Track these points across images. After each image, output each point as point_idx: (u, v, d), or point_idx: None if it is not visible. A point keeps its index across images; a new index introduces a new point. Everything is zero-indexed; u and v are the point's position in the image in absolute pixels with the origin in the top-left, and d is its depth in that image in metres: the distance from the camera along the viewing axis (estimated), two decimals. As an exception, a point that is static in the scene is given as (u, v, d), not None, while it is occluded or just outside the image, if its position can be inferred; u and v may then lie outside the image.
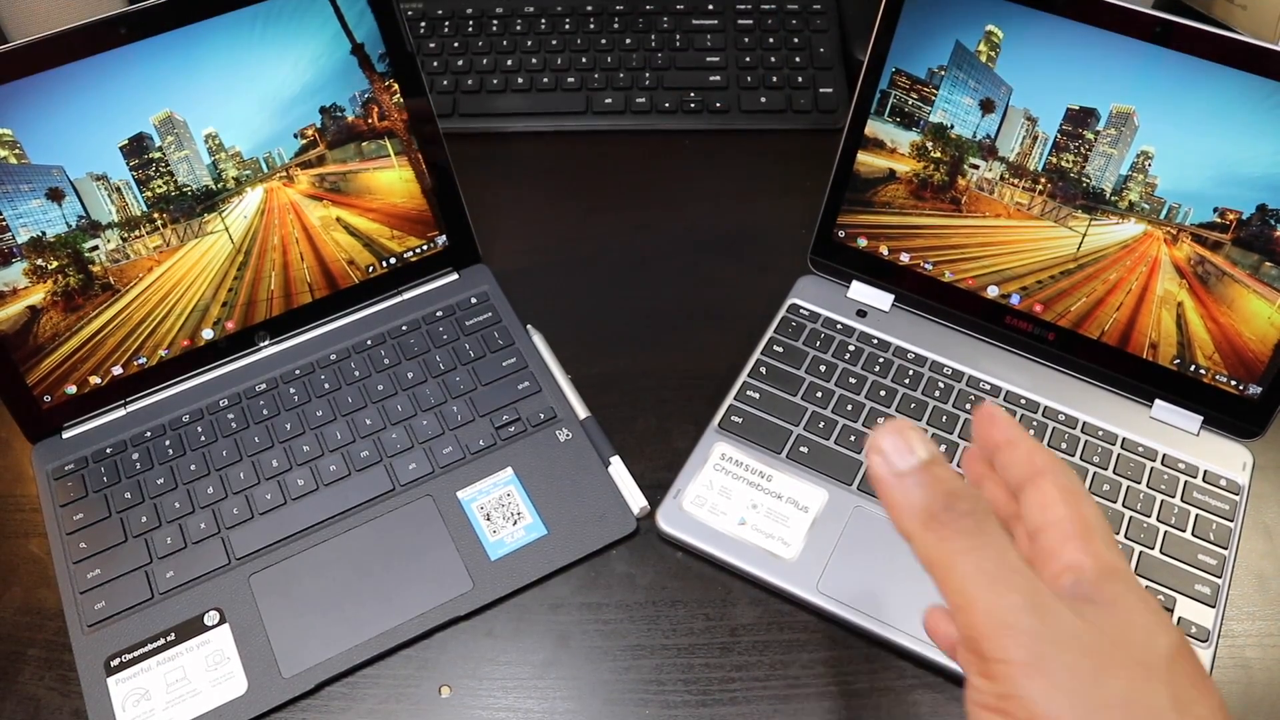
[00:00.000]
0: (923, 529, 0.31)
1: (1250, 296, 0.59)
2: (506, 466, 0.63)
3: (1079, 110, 0.60)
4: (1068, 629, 0.30)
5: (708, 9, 0.89)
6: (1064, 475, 0.35)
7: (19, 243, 0.59)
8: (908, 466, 0.32)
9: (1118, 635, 0.30)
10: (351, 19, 0.62)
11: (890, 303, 0.70)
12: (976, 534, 0.31)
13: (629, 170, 0.81)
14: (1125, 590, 0.32)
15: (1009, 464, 0.36)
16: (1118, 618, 0.31)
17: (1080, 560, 0.32)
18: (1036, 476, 0.35)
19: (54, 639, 0.58)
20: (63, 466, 0.64)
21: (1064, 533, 0.33)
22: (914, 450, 0.32)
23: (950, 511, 0.31)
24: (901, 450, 0.32)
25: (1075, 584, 0.32)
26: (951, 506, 0.31)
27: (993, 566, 0.30)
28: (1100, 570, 0.32)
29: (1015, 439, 0.36)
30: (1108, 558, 0.33)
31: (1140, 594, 0.32)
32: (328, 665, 0.56)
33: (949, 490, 0.31)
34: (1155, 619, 0.31)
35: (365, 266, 0.70)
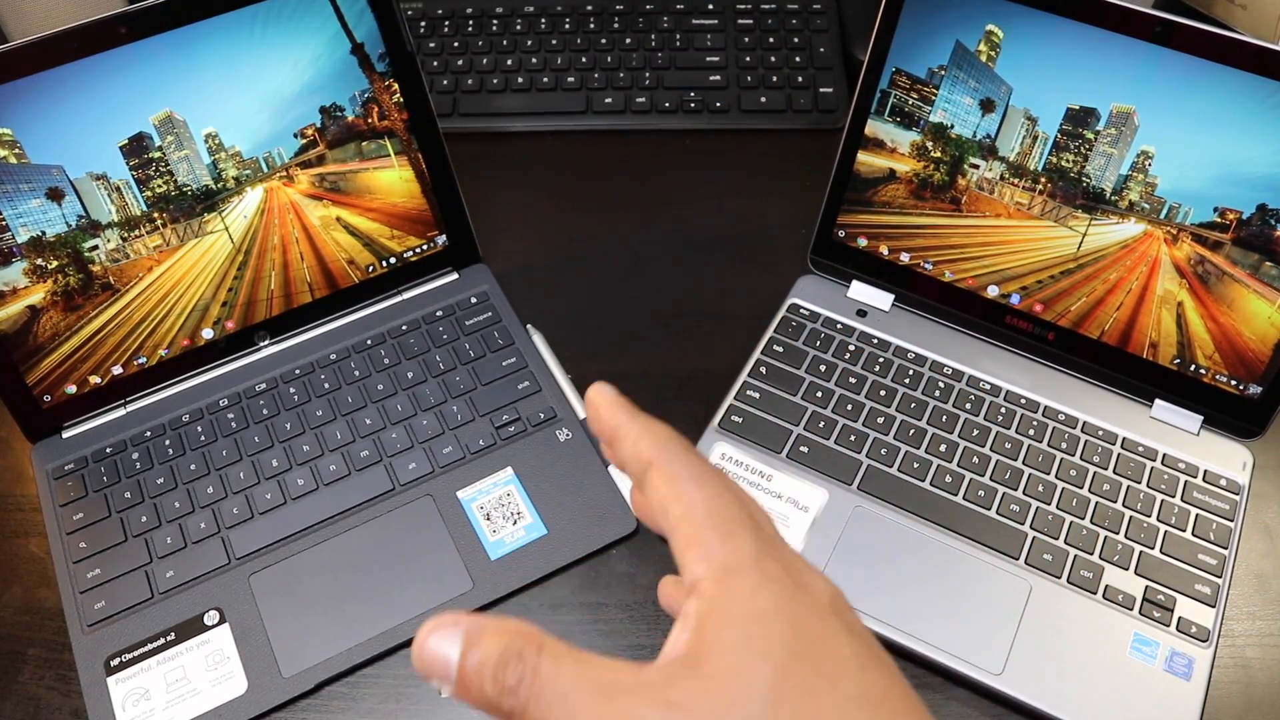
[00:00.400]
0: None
1: (1250, 296, 0.59)
2: (506, 466, 0.63)
3: (1079, 110, 0.60)
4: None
5: (708, 9, 0.89)
6: (671, 459, 0.31)
7: (19, 242, 0.59)
8: (453, 675, 0.27)
9: (712, 709, 0.26)
10: (351, 19, 0.62)
11: (890, 303, 0.70)
12: (535, 700, 0.27)
13: (629, 170, 0.81)
14: (734, 603, 0.28)
15: (622, 462, 0.33)
16: (710, 677, 0.27)
17: (696, 573, 0.29)
18: (647, 471, 0.31)
19: (54, 639, 0.58)
20: (63, 466, 0.64)
21: (684, 539, 0.30)
22: (444, 654, 0.27)
23: (505, 695, 0.27)
24: (437, 663, 0.27)
25: (686, 633, 0.28)
26: (503, 689, 0.27)
27: (562, 711, 0.27)
28: (716, 579, 0.28)
29: (621, 427, 0.32)
30: (722, 554, 0.29)
31: (754, 595, 0.28)
32: (328, 665, 0.56)
33: (492, 674, 0.27)
34: (756, 651, 0.27)
35: (365, 266, 0.70)
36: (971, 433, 0.64)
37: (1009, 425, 0.64)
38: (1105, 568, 0.58)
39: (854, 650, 0.28)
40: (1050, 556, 0.59)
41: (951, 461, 0.62)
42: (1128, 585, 0.58)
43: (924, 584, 0.58)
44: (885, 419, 0.64)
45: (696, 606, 0.29)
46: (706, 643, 0.28)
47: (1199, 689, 0.54)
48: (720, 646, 0.27)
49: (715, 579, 0.29)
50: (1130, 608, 0.57)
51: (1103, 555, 0.59)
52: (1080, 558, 0.59)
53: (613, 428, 0.33)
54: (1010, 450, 0.63)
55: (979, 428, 0.64)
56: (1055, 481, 0.62)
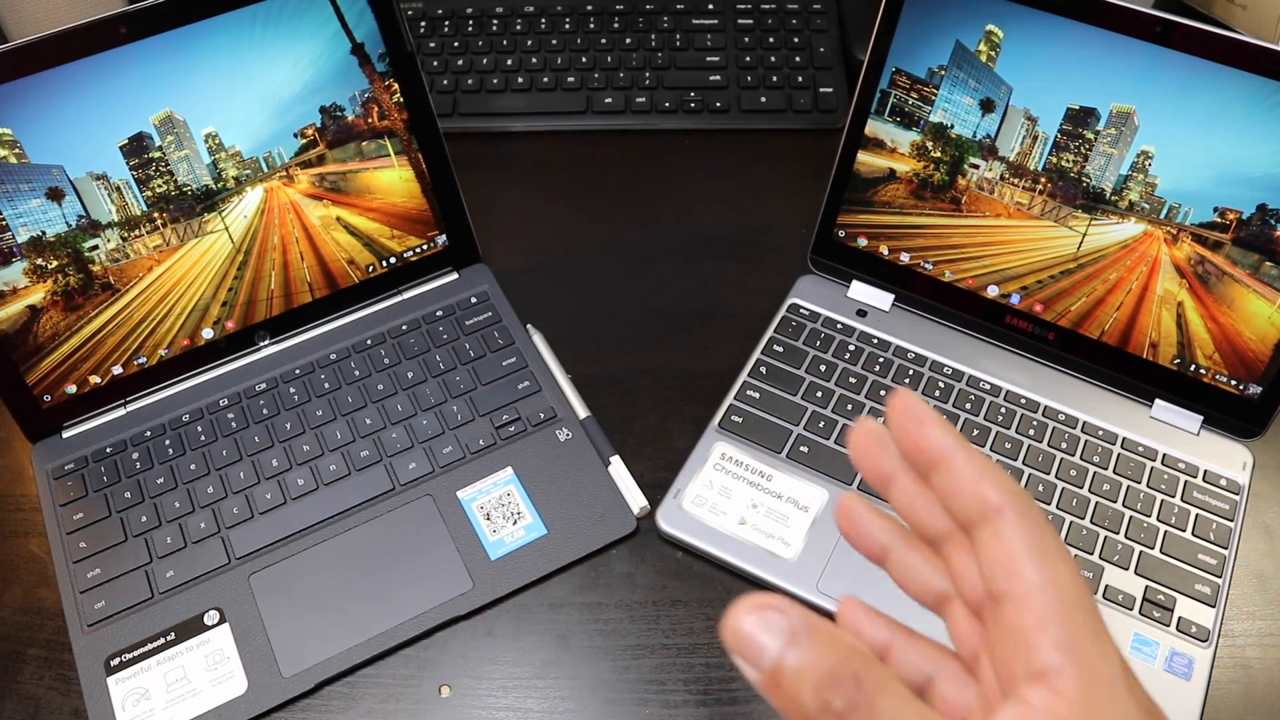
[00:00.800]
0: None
1: (1250, 296, 0.59)
2: (506, 466, 0.63)
3: (1079, 110, 0.60)
4: None
5: (708, 9, 0.89)
6: (1027, 517, 0.27)
7: (19, 242, 0.59)
8: (767, 666, 0.25)
9: None
10: (351, 18, 0.62)
11: (890, 302, 0.70)
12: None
13: (629, 170, 0.81)
14: (1105, 716, 0.25)
15: (950, 494, 0.29)
16: None
17: (1051, 661, 0.26)
18: (993, 517, 0.27)
19: (54, 638, 0.58)
20: (63, 466, 0.64)
21: (1035, 615, 0.26)
22: (763, 643, 0.25)
23: (827, 715, 0.24)
24: (752, 647, 0.25)
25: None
26: (825, 708, 0.24)
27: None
28: (1082, 684, 0.25)
29: (955, 454, 0.28)
30: (1091, 657, 0.26)
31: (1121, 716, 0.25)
32: (328, 665, 0.56)
33: (814, 686, 0.24)
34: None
35: (365, 266, 0.70)
36: (971, 433, 0.64)
37: (1009, 425, 0.64)
38: (1105, 568, 0.58)
39: None
40: (1050, 556, 0.59)
41: (951, 461, 0.62)
42: (1128, 585, 0.58)
43: (924, 584, 0.58)
44: (885, 419, 0.64)
45: (1051, 704, 0.25)
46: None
47: (1199, 689, 0.54)
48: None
49: (1083, 683, 0.25)
50: (1130, 608, 0.57)
51: (1103, 555, 0.59)
52: (1080, 558, 0.59)
53: (943, 450, 0.29)
54: (1010, 450, 0.63)
55: (979, 428, 0.64)
56: (1055, 481, 0.62)
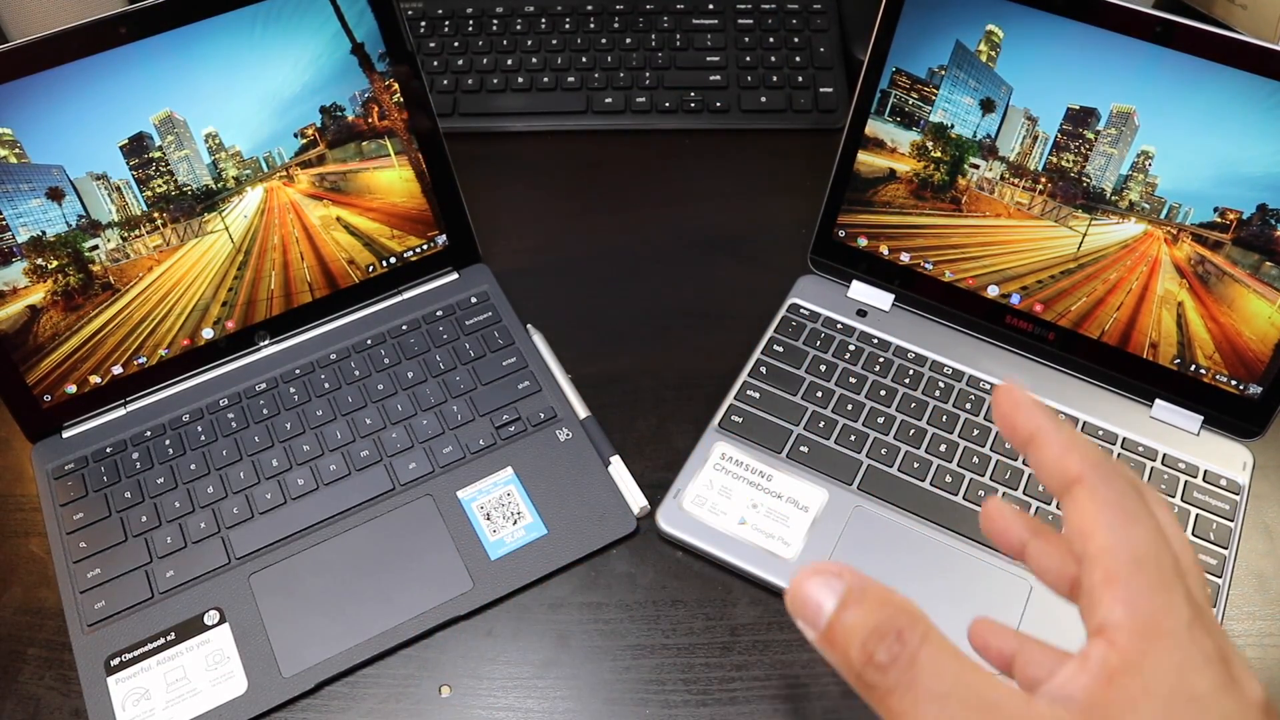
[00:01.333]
0: (862, 693, 0.27)
1: (1250, 296, 0.59)
2: (506, 466, 0.63)
3: (1079, 110, 0.60)
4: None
5: (708, 9, 0.89)
6: (1105, 483, 0.28)
7: (19, 242, 0.59)
8: (823, 624, 0.27)
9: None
10: (351, 18, 0.62)
11: (890, 302, 0.70)
12: (905, 687, 0.26)
13: (629, 170, 0.81)
14: (1160, 675, 0.25)
15: (1040, 467, 0.30)
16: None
17: (1114, 617, 0.26)
18: (1072, 486, 0.29)
19: (54, 638, 0.58)
20: (63, 466, 0.64)
21: (1104, 572, 0.27)
22: (820, 602, 0.28)
23: (870, 668, 0.26)
24: (811, 607, 0.28)
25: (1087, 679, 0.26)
26: (869, 661, 0.26)
27: (932, 713, 0.26)
28: (1136, 634, 0.26)
29: (1043, 432, 0.30)
30: (1151, 608, 0.26)
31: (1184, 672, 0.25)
32: (328, 665, 0.56)
33: (861, 641, 0.27)
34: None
35: (365, 266, 0.70)
36: (972, 432, 0.64)
37: (1009, 425, 0.64)
38: (1105, 568, 0.58)
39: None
40: (1050, 556, 0.59)
41: (951, 461, 0.62)
42: (1128, 585, 0.58)
43: (924, 584, 0.58)
44: (885, 419, 0.64)
45: (1105, 656, 0.26)
46: (1117, 706, 0.25)
47: (1199, 689, 0.54)
48: (1133, 717, 0.25)
49: (1139, 634, 0.26)
50: (1130, 608, 0.57)
51: (1103, 555, 0.59)
52: (1080, 558, 0.59)
53: (1033, 430, 0.30)
54: (1010, 450, 0.63)
55: (979, 427, 0.64)
56: (1055, 481, 0.62)
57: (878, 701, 0.26)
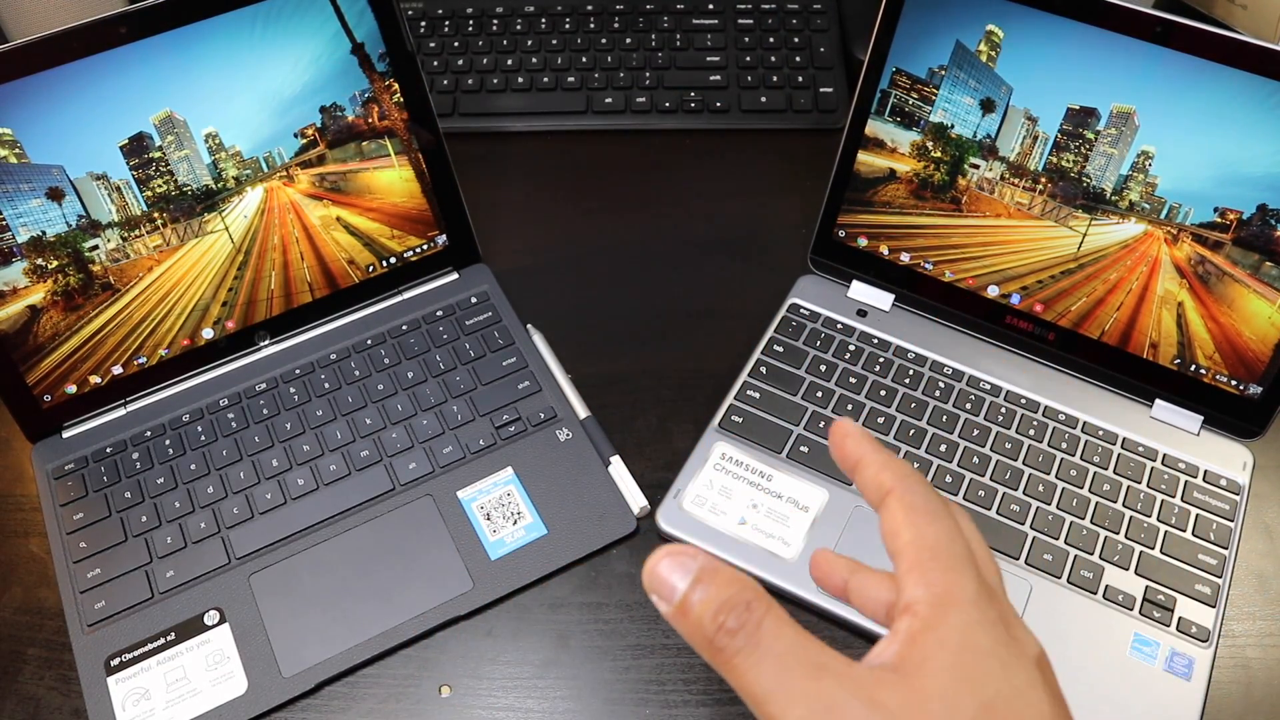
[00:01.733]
0: (710, 657, 0.30)
1: (1251, 296, 0.59)
2: (506, 466, 0.63)
3: (1079, 110, 0.60)
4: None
5: (708, 9, 0.89)
6: (910, 491, 0.34)
7: (19, 242, 0.59)
8: (676, 600, 0.31)
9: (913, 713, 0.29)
10: (351, 18, 0.62)
11: (890, 302, 0.70)
12: (750, 648, 0.30)
13: (629, 170, 0.81)
14: (950, 632, 0.30)
15: (862, 485, 0.35)
16: (917, 690, 0.29)
17: (914, 595, 0.31)
18: (885, 498, 0.34)
19: (54, 638, 0.58)
20: (63, 466, 0.64)
21: (908, 561, 0.32)
22: (674, 583, 0.31)
23: (721, 633, 0.30)
24: (665, 587, 0.31)
25: (895, 645, 0.30)
26: (720, 627, 0.30)
27: (771, 678, 0.29)
28: (933, 604, 0.31)
29: (863, 457, 0.35)
30: (943, 584, 0.31)
31: (970, 630, 0.30)
32: (328, 665, 0.56)
33: (713, 611, 0.30)
34: (966, 679, 0.29)
35: (365, 266, 0.70)
36: (972, 433, 0.64)
37: (1009, 425, 0.64)
38: (1105, 568, 0.58)
39: (1052, 711, 0.30)
40: (1050, 556, 0.59)
41: (951, 461, 0.62)
42: (1128, 585, 0.58)
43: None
44: (885, 419, 0.64)
45: (909, 624, 0.31)
46: (917, 660, 0.30)
47: (1199, 689, 0.54)
48: (932, 667, 0.29)
49: (932, 604, 0.31)
50: (1130, 608, 0.57)
51: (1103, 555, 0.59)
52: (1080, 558, 0.59)
53: (858, 456, 0.35)
54: (1010, 450, 0.63)
55: (979, 428, 0.64)
56: (1055, 481, 0.62)
57: (724, 663, 0.30)
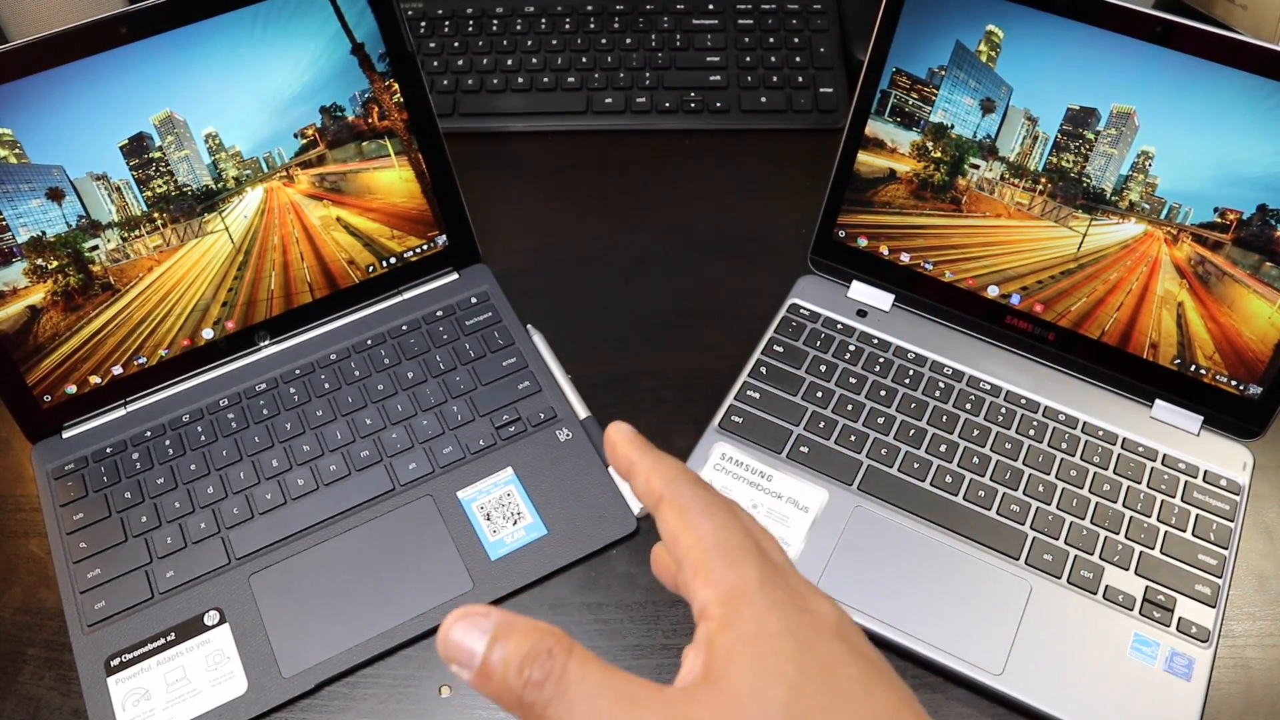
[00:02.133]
0: (522, 715, 0.29)
1: (1251, 297, 0.59)
2: (506, 466, 0.63)
3: (1079, 110, 0.60)
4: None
5: (708, 9, 0.89)
6: (679, 495, 0.32)
7: (19, 242, 0.59)
8: (477, 664, 0.29)
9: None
10: (351, 19, 0.62)
11: (890, 303, 0.70)
12: (558, 697, 0.28)
13: (629, 170, 0.81)
14: (745, 626, 0.29)
15: (638, 495, 0.34)
16: (726, 695, 0.28)
17: (704, 598, 0.30)
18: (658, 505, 0.33)
19: (54, 639, 0.58)
20: (63, 466, 0.64)
21: (692, 567, 0.31)
22: (470, 646, 0.29)
23: (528, 688, 0.28)
24: (462, 652, 0.29)
25: (700, 655, 0.29)
26: (527, 682, 0.28)
27: (584, 713, 0.28)
28: (723, 602, 0.30)
29: (635, 463, 0.34)
30: (729, 580, 0.30)
31: (761, 618, 0.29)
32: (328, 665, 0.56)
33: (517, 667, 0.29)
34: (768, 671, 0.28)
35: (365, 266, 0.70)
36: (972, 433, 0.64)
37: (1009, 425, 0.64)
38: (1105, 568, 0.58)
39: (861, 671, 0.29)
40: (1050, 557, 0.59)
41: (952, 462, 0.62)
42: (1128, 585, 0.58)
43: (924, 584, 0.58)
44: (885, 419, 0.64)
45: (706, 630, 0.30)
46: (719, 663, 0.29)
47: (1199, 689, 0.54)
48: (734, 666, 0.28)
49: (721, 602, 0.30)
50: (1130, 608, 0.57)
51: (1103, 555, 0.59)
52: (1080, 558, 0.59)
53: (628, 464, 0.34)
54: (1010, 450, 0.63)
55: (979, 428, 0.64)
56: (1055, 482, 0.62)
57: (536, 717, 0.28)
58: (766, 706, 0.27)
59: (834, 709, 0.28)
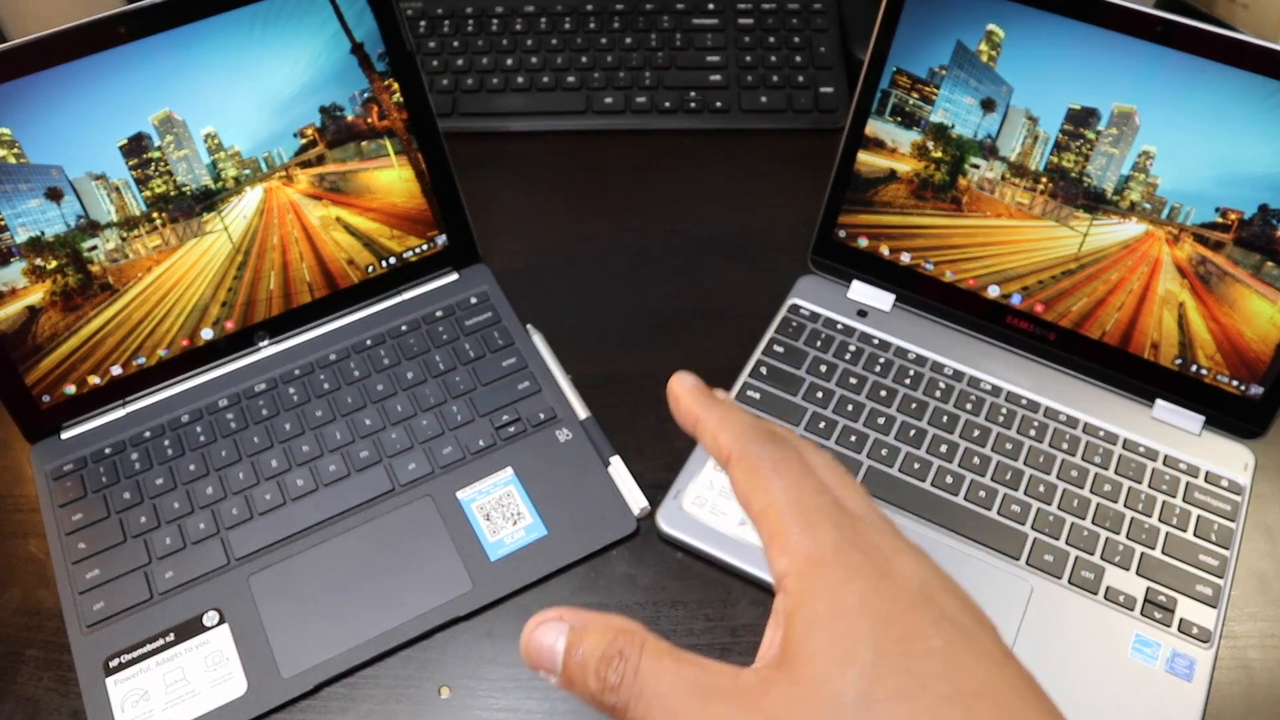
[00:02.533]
0: (608, 715, 0.29)
1: (1252, 296, 0.59)
2: (506, 466, 0.63)
3: (1080, 110, 0.59)
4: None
5: (708, 8, 0.89)
6: (749, 450, 0.31)
7: (18, 242, 0.59)
8: (560, 667, 0.29)
9: (805, 710, 0.26)
10: (351, 18, 0.62)
11: (891, 303, 0.70)
12: (636, 699, 0.28)
13: (629, 170, 0.81)
14: (820, 602, 0.27)
15: (708, 452, 0.33)
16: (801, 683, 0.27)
17: (780, 567, 0.29)
18: (728, 461, 0.31)
19: (53, 639, 0.58)
20: (61, 467, 0.63)
21: (768, 531, 0.29)
22: (552, 645, 0.29)
23: (606, 692, 0.28)
24: (545, 655, 0.29)
25: (778, 632, 0.28)
26: (605, 687, 0.28)
27: (662, 713, 0.28)
28: (799, 574, 0.28)
29: (701, 418, 0.33)
30: (804, 547, 0.28)
31: (837, 592, 0.27)
32: (327, 666, 0.56)
33: (594, 671, 0.28)
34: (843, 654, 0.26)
35: (365, 266, 0.70)
36: (972, 433, 0.64)
37: (1009, 426, 0.64)
38: (1106, 568, 0.58)
39: (945, 641, 0.27)
40: (1051, 557, 0.59)
41: (952, 462, 0.62)
42: (1129, 586, 0.58)
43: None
44: (886, 419, 0.64)
45: (784, 604, 0.28)
46: (795, 645, 0.27)
47: (1200, 690, 0.54)
48: (808, 650, 0.27)
49: (798, 574, 0.28)
50: (1131, 608, 0.57)
51: (1104, 556, 0.59)
52: (1081, 558, 0.59)
53: (693, 420, 0.33)
54: (1011, 451, 0.63)
55: (980, 428, 0.64)
56: (1056, 482, 0.62)
57: (621, 719, 0.28)
58: (839, 695, 0.26)
59: (911, 691, 0.25)
